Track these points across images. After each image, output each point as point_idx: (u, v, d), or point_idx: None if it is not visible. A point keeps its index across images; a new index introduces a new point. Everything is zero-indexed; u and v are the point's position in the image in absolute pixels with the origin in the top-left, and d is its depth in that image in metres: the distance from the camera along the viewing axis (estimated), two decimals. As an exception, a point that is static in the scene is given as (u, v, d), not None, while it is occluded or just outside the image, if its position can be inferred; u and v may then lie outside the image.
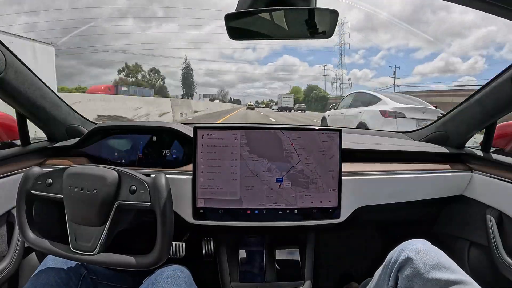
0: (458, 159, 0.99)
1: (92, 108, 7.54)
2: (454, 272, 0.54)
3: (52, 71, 8.20)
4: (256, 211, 0.80)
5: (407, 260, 0.57)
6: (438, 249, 0.59)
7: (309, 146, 0.80)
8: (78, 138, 0.95)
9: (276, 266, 0.89)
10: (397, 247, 0.62)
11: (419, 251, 0.57)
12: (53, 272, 0.67)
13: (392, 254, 0.62)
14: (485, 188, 0.90)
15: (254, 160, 0.79)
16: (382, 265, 0.65)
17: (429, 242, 0.61)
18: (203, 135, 0.78)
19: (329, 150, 0.81)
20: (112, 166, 0.66)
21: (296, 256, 0.90)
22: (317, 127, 0.82)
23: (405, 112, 4.35)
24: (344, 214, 0.83)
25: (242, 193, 0.79)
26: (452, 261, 0.57)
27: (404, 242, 0.62)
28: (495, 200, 0.86)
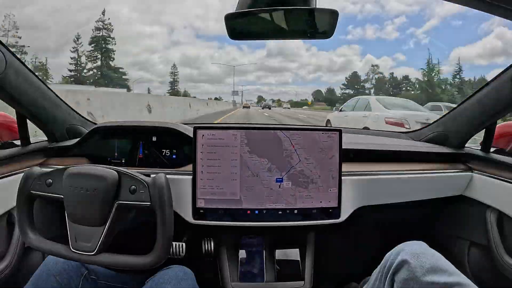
0: (458, 159, 0.99)
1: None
2: (451, 274, 0.53)
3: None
4: (256, 211, 0.80)
5: (403, 263, 0.56)
6: (435, 251, 0.58)
7: (309, 146, 0.80)
8: (78, 138, 0.95)
9: (276, 266, 0.89)
10: (394, 249, 0.61)
11: (415, 253, 0.56)
12: (54, 272, 0.67)
13: (389, 256, 0.61)
14: (485, 188, 0.90)
15: (254, 160, 0.79)
16: (379, 267, 0.64)
17: (426, 244, 0.60)
18: (203, 135, 0.78)
19: (329, 150, 0.81)
20: (112, 166, 0.66)
21: (296, 256, 0.90)
22: (317, 127, 0.82)
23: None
24: (344, 214, 0.83)
25: (242, 193, 0.79)
26: (449, 263, 0.56)
27: (400, 244, 0.61)
28: (495, 200, 0.86)
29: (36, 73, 0.83)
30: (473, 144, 1.02)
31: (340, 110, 6.65)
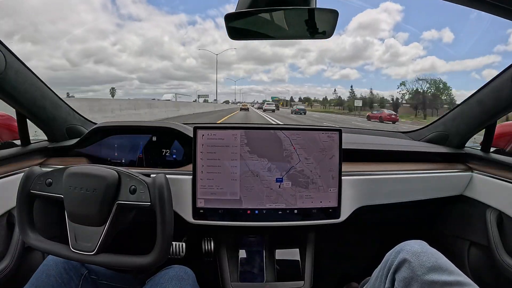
0: (458, 159, 0.99)
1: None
2: (452, 273, 0.53)
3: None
4: (256, 211, 0.80)
5: (404, 262, 0.56)
6: (435, 250, 0.58)
7: (309, 146, 0.80)
8: (78, 138, 0.95)
9: (276, 266, 0.89)
10: (394, 248, 0.62)
11: (416, 252, 0.56)
12: (54, 272, 0.67)
13: (389, 256, 0.61)
14: (485, 188, 0.90)
15: (254, 160, 0.79)
16: (379, 266, 0.64)
17: (426, 243, 0.60)
18: (203, 135, 0.78)
19: (329, 150, 0.81)
20: (112, 166, 0.66)
21: (296, 256, 0.90)
22: (317, 127, 0.82)
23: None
24: (344, 214, 0.83)
25: (242, 193, 0.79)
26: (450, 262, 0.56)
27: (401, 243, 0.61)
28: (495, 200, 0.86)
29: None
30: (473, 144, 1.02)
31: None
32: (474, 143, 1.03)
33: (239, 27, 0.67)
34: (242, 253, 0.91)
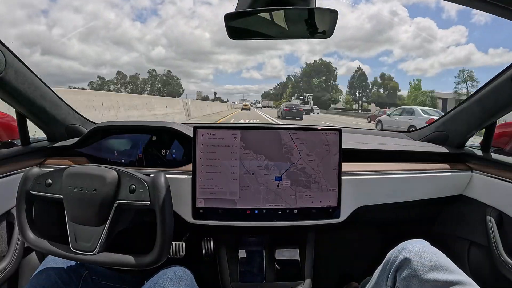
0: (458, 159, 0.99)
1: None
2: (453, 272, 0.54)
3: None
4: (256, 211, 0.80)
5: (405, 261, 0.57)
6: (437, 249, 0.59)
7: (311, 141, 0.79)
8: (78, 138, 0.95)
9: (276, 266, 0.89)
10: (396, 247, 0.62)
11: (417, 251, 0.57)
12: (54, 272, 0.67)
13: (391, 255, 0.62)
14: (485, 188, 0.90)
15: (254, 160, 0.79)
16: (381, 265, 0.64)
17: (427, 243, 0.61)
18: (202, 134, 0.78)
19: (332, 148, 0.80)
20: (111, 166, 0.66)
21: (296, 256, 0.90)
22: (317, 127, 0.82)
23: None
24: (344, 214, 0.83)
25: (241, 193, 0.79)
26: (451, 261, 0.56)
27: (403, 243, 0.62)
28: (495, 200, 0.86)
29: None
30: (473, 144, 1.02)
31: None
32: (474, 143, 1.03)
33: (239, 27, 0.67)
34: (242, 253, 0.91)
